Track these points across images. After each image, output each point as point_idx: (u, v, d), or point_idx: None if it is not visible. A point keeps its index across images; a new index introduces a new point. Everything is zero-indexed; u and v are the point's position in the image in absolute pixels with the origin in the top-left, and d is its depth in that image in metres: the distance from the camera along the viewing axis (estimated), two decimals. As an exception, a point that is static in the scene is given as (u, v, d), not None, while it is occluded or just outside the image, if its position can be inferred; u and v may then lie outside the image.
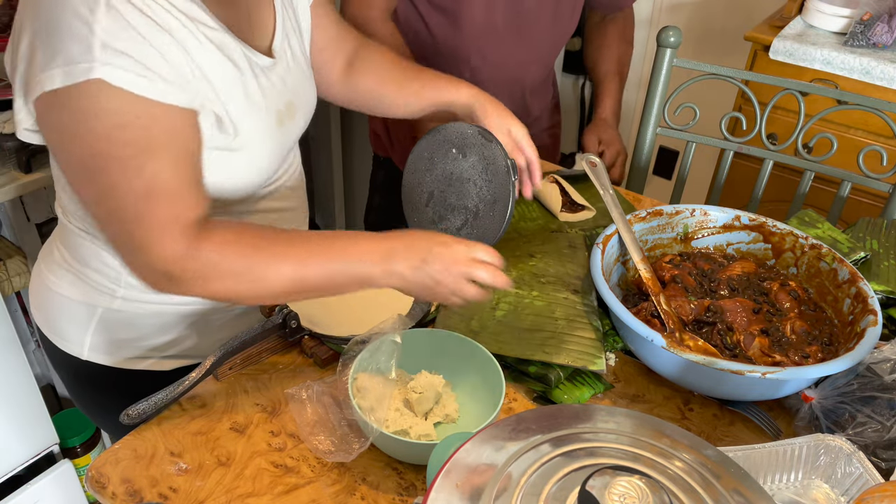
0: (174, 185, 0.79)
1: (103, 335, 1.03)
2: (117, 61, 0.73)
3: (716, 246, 1.14)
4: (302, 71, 1.02)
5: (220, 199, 0.92)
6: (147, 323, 1.02)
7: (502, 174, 1.07)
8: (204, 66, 0.83)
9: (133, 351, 1.04)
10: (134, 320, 1.01)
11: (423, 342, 0.93)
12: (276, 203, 1.04)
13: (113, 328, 1.02)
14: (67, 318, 1.03)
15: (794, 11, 1.93)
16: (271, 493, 0.82)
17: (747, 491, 0.57)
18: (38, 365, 1.95)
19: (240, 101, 0.88)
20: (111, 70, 0.73)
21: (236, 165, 0.90)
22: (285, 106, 0.95)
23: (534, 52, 1.44)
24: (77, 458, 1.76)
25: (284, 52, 0.97)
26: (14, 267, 1.53)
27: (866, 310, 0.93)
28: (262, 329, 0.95)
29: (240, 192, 0.94)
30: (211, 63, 0.84)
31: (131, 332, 1.03)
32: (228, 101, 0.86)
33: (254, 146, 0.90)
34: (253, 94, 0.90)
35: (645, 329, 0.89)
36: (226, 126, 0.86)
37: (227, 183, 0.91)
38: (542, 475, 0.55)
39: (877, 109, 1.36)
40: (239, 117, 0.87)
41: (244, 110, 0.88)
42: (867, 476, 0.78)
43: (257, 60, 0.91)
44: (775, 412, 0.94)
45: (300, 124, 1.01)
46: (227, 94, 0.86)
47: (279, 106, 0.94)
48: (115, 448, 0.86)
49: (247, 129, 0.88)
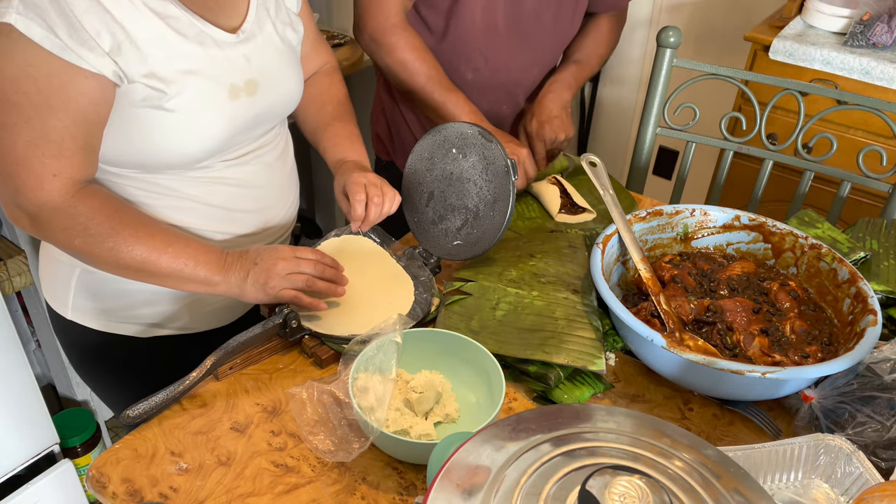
0: (62, 145, 0.86)
1: (87, 299, 1.06)
2: (32, 14, 0.80)
3: (716, 246, 1.14)
4: (280, 58, 1.05)
5: (166, 157, 0.95)
6: (134, 292, 1.04)
7: (502, 174, 1.07)
8: (133, 30, 0.87)
9: (124, 319, 1.07)
10: (115, 286, 1.03)
11: (423, 342, 0.93)
12: (242, 176, 1.05)
13: (95, 292, 1.05)
14: (55, 278, 1.08)
15: (794, 11, 1.93)
16: (271, 493, 0.82)
17: (747, 491, 0.57)
18: (38, 365, 1.95)
19: (179, 66, 0.91)
20: (24, 21, 0.80)
21: (174, 126, 0.92)
22: (244, 83, 0.98)
23: (535, 55, 1.44)
24: (77, 458, 1.76)
25: (255, 35, 1.00)
26: (14, 267, 1.53)
27: (866, 310, 0.93)
28: (262, 329, 0.95)
29: (184, 156, 0.96)
30: (143, 27, 0.88)
31: (118, 300, 1.05)
32: (162, 65, 0.89)
33: (194, 111, 0.93)
34: (197, 61, 0.93)
35: (645, 329, 0.89)
36: (154, 86, 0.89)
37: (169, 143, 0.93)
38: (542, 475, 0.55)
39: (877, 109, 1.36)
40: (175, 80, 0.90)
41: (184, 76, 0.91)
42: (867, 476, 0.78)
43: (211, 34, 0.94)
44: (775, 412, 0.94)
45: (265, 104, 1.02)
46: (162, 58, 0.89)
47: (234, 80, 0.97)
48: (116, 448, 0.86)
49: (186, 93, 0.91)
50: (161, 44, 0.89)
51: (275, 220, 1.11)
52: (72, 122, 0.86)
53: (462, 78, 1.41)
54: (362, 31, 1.33)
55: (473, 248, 1.11)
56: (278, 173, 1.11)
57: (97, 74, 0.85)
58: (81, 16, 0.83)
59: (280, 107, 1.06)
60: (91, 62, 0.84)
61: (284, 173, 1.13)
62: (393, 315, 0.94)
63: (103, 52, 0.85)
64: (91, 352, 1.13)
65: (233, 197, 1.04)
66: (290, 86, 1.07)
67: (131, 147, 0.93)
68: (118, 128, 0.91)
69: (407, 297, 1.05)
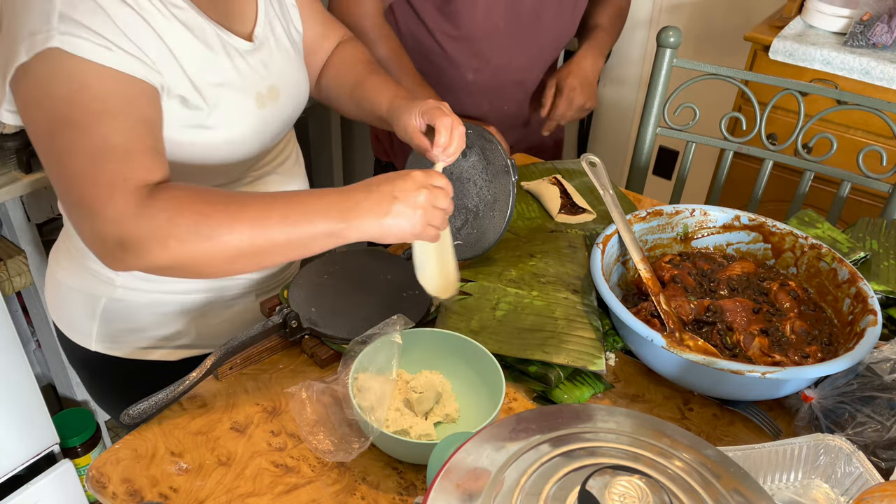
0: (127, 147, 0.78)
1: (108, 326, 1.04)
2: (73, 30, 0.76)
3: (716, 246, 1.14)
4: (289, 58, 1.03)
5: (205, 177, 0.94)
6: (147, 313, 1.03)
7: (502, 174, 1.07)
8: (171, 43, 0.84)
9: (139, 342, 1.06)
10: (136, 310, 1.03)
11: (423, 342, 0.93)
12: (269, 188, 1.05)
13: (116, 318, 1.04)
14: (75, 309, 1.05)
15: (794, 11, 1.93)
16: (271, 493, 0.82)
17: (747, 491, 0.57)
18: (38, 365, 1.95)
19: (211, 80, 0.88)
20: (68, 39, 0.75)
21: (214, 143, 0.91)
22: (267, 89, 0.96)
23: (535, 55, 1.44)
24: (77, 458, 1.76)
25: (267, 39, 0.98)
26: (14, 267, 1.53)
27: (866, 310, 0.93)
28: (262, 329, 0.95)
29: (223, 171, 0.95)
30: (178, 41, 0.85)
31: (133, 323, 1.04)
32: (197, 79, 0.87)
33: (230, 125, 0.91)
34: (227, 74, 0.91)
35: (645, 329, 0.89)
36: (193, 104, 0.87)
37: (208, 160, 0.92)
38: (541, 475, 0.55)
39: (877, 109, 1.36)
40: (211, 96, 0.88)
41: (215, 89, 0.89)
42: (867, 476, 0.78)
43: (233, 43, 0.92)
44: (775, 412, 0.94)
45: (286, 110, 1.01)
46: (196, 72, 0.87)
47: (259, 89, 0.95)
48: (116, 448, 0.86)
49: (221, 107, 0.89)
50: (194, 56, 0.87)
51: None
52: (134, 124, 0.79)
53: (463, 78, 1.41)
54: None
55: (473, 248, 1.11)
56: (298, 175, 1.12)
57: (146, 83, 0.81)
58: (125, 26, 0.79)
59: (297, 109, 1.05)
60: (140, 71, 0.80)
61: (301, 173, 1.13)
62: (393, 315, 0.94)
63: (151, 62, 0.81)
64: (105, 375, 1.11)
65: None
66: (303, 85, 1.06)
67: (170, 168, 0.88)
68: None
69: (403, 297, 1.05)
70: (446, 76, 1.41)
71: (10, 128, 1.42)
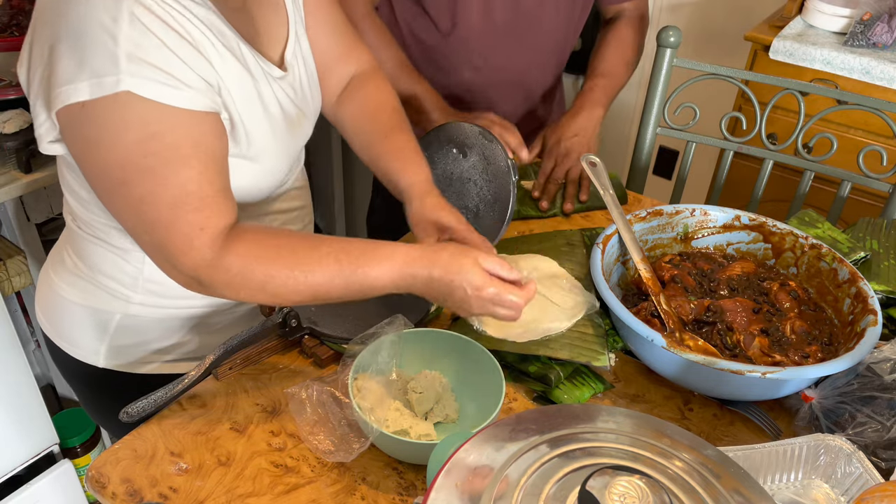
0: (202, 194, 0.79)
1: (118, 341, 1.02)
2: (143, 72, 0.74)
3: (716, 246, 1.14)
4: (311, 78, 1.01)
5: (244, 204, 0.93)
6: (153, 327, 1.02)
7: (502, 174, 1.07)
8: (223, 75, 0.83)
9: (138, 355, 1.04)
10: (148, 325, 1.02)
11: (423, 342, 0.93)
12: (286, 204, 1.05)
13: (128, 334, 1.02)
14: (80, 326, 1.02)
15: (794, 11, 1.93)
16: (271, 493, 0.82)
17: (747, 491, 0.57)
18: (38, 365, 1.95)
19: (256, 110, 0.88)
20: (138, 81, 0.73)
21: (253, 172, 0.91)
22: (296, 115, 0.96)
23: (535, 55, 1.43)
24: (77, 458, 1.76)
25: (296, 61, 0.97)
26: (14, 267, 1.53)
27: (866, 310, 0.93)
28: (262, 328, 0.95)
29: (255, 197, 0.96)
30: (229, 72, 0.84)
31: (137, 336, 1.03)
32: (245, 110, 0.86)
33: (269, 154, 0.91)
34: (269, 103, 0.90)
35: (645, 329, 0.89)
36: (239, 135, 0.86)
37: (244, 190, 0.92)
38: (542, 475, 0.55)
39: (877, 109, 1.36)
40: (254, 127, 0.88)
41: (259, 120, 0.88)
42: (867, 476, 0.78)
43: (270, 71, 0.91)
44: (775, 412, 0.94)
45: (307, 130, 1.02)
46: (244, 103, 0.86)
47: (291, 115, 0.95)
48: (115, 448, 0.86)
49: (261, 138, 0.89)
50: (242, 86, 0.86)
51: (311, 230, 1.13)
52: (205, 167, 0.80)
53: (460, 77, 1.41)
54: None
55: (473, 248, 1.11)
56: (305, 189, 1.12)
57: (213, 112, 0.81)
58: (187, 59, 0.78)
59: (312, 126, 1.04)
60: (205, 103, 0.80)
61: (307, 187, 1.13)
62: (393, 315, 0.94)
63: (209, 93, 0.81)
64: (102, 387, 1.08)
65: (285, 223, 1.05)
66: (318, 103, 1.04)
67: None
68: None
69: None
70: (444, 75, 1.41)
71: (10, 127, 1.42)
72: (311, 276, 0.82)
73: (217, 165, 0.82)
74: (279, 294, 0.83)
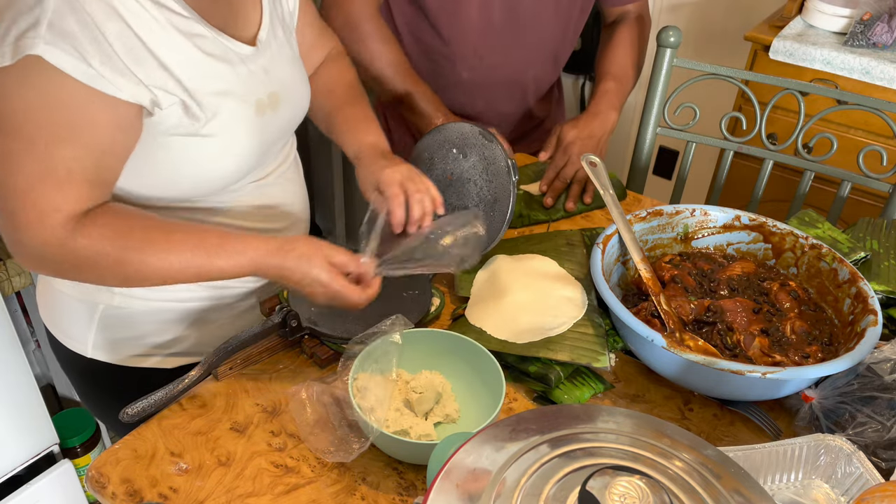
0: (70, 177, 0.79)
1: (106, 333, 1.03)
2: (62, 43, 0.74)
3: (716, 246, 1.14)
4: (291, 64, 1.02)
5: (200, 185, 0.93)
6: (147, 320, 1.02)
7: (502, 174, 1.07)
8: (163, 54, 0.83)
9: (136, 349, 1.05)
10: (135, 317, 1.02)
11: (423, 342, 0.93)
12: (267, 199, 1.03)
13: (115, 326, 1.02)
14: (71, 316, 1.04)
15: (794, 11, 1.93)
16: (271, 493, 0.82)
17: (747, 491, 0.57)
18: (38, 365, 1.95)
19: (210, 88, 0.87)
20: (53, 50, 0.74)
21: (210, 151, 0.90)
22: (267, 96, 0.95)
23: (533, 54, 1.43)
24: (77, 458, 1.76)
25: (270, 43, 0.97)
26: (14, 267, 1.53)
27: (866, 310, 0.93)
28: (262, 329, 0.95)
29: (219, 181, 0.94)
30: (174, 50, 0.84)
31: (133, 330, 1.03)
32: (195, 89, 0.86)
33: (228, 134, 0.90)
34: (227, 81, 0.90)
35: (645, 329, 0.89)
36: (193, 112, 0.86)
37: (203, 170, 0.91)
38: (542, 475, 0.55)
39: (877, 109, 1.36)
40: (209, 104, 0.87)
41: (216, 98, 0.88)
42: (867, 476, 0.78)
43: (235, 49, 0.91)
44: (775, 412, 0.94)
45: (286, 116, 1.00)
46: (193, 81, 0.86)
47: (259, 95, 0.94)
48: (115, 448, 0.86)
49: (219, 116, 0.88)
50: (192, 66, 0.85)
51: (300, 230, 1.11)
52: (84, 154, 0.80)
53: (458, 76, 1.41)
54: (334, 17, 1.32)
55: (473, 248, 1.11)
56: (298, 184, 1.11)
57: (130, 103, 0.80)
58: (114, 42, 0.78)
59: (298, 117, 1.04)
60: (126, 90, 0.79)
61: (301, 182, 1.12)
62: (393, 315, 0.94)
63: (138, 79, 0.80)
64: (99, 381, 1.10)
65: (267, 217, 1.03)
66: (303, 93, 1.05)
67: (166, 178, 0.89)
68: (151, 160, 0.87)
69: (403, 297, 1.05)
70: (442, 74, 1.41)
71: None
72: (164, 262, 0.84)
73: (99, 157, 0.81)
74: (130, 278, 0.85)
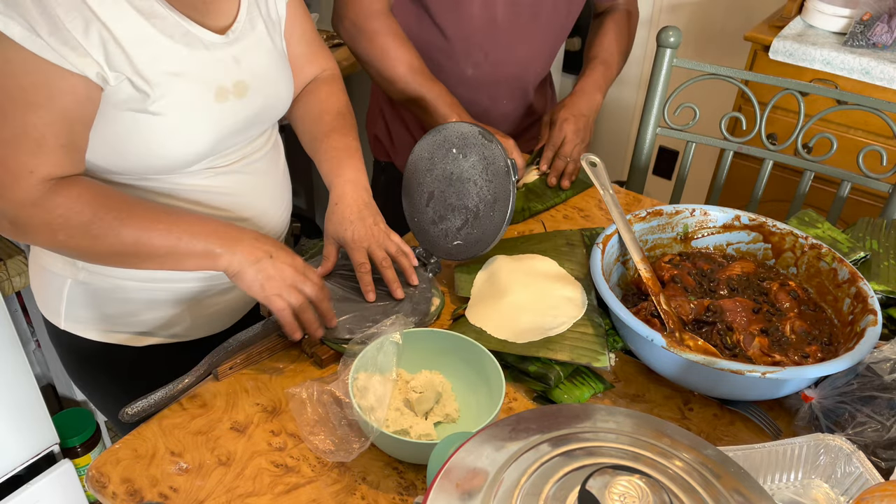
0: (43, 141, 0.83)
1: (82, 308, 1.05)
2: (11, 12, 0.79)
3: (716, 246, 1.14)
4: (270, 59, 1.03)
5: (150, 164, 0.93)
6: (135, 298, 1.03)
7: (502, 174, 1.07)
8: (117, 30, 0.85)
9: (122, 327, 1.06)
10: (112, 294, 1.02)
11: (423, 342, 0.93)
12: (227, 188, 1.02)
13: (89, 301, 1.04)
14: (46, 288, 1.07)
15: (794, 11, 1.93)
16: (271, 493, 0.82)
17: (747, 491, 0.57)
18: (39, 365, 1.95)
19: (163, 68, 0.89)
20: (3, 19, 0.79)
21: (160, 129, 0.91)
22: (233, 84, 0.96)
23: (534, 50, 1.44)
24: (77, 458, 1.76)
25: (246, 35, 0.98)
26: (14, 267, 1.53)
27: (866, 309, 0.93)
28: (262, 329, 0.95)
29: (169, 159, 0.94)
30: (129, 28, 0.86)
31: (115, 307, 1.04)
32: (146, 67, 0.87)
33: (179, 114, 0.91)
34: (183, 63, 0.91)
35: (645, 329, 0.89)
36: (141, 88, 0.88)
37: (152, 148, 0.92)
38: (541, 475, 0.55)
39: (877, 109, 1.36)
40: (159, 83, 0.88)
41: (169, 78, 0.89)
42: (867, 476, 0.78)
43: (198, 34, 0.92)
44: (775, 412, 0.94)
45: (254, 107, 1.00)
46: (145, 60, 0.87)
47: (223, 83, 0.95)
48: (116, 448, 0.86)
49: (171, 96, 0.90)
50: (146, 44, 0.87)
51: (268, 226, 1.09)
52: (53, 120, 0.83)
53: (462, 73, 1.41)
54: (343, 17, 1.32)
55: (473, 248, 1.11)
56: (271, 179, 1.10)
57: (80, 75, 0.83)
58: (64, 15, 0.81)
59: (271, 110, 1.04)
60: (74, 62, 0.82)
61: (276, 179, 1.11)
62: (393, 315, 0.94)
63: (86, 51, 0.82)
64: (87, 361, 1.11)
65: (226, 206, 1.02)
66: (281, 88, 1.05)
67: (114, 151, 0.91)
68: (101, 130, 0.89)
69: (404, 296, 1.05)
70: (445, 71, 1.41)
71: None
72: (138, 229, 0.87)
73: (68, 124, 0.85)
74: (99, 237, 0.86)
